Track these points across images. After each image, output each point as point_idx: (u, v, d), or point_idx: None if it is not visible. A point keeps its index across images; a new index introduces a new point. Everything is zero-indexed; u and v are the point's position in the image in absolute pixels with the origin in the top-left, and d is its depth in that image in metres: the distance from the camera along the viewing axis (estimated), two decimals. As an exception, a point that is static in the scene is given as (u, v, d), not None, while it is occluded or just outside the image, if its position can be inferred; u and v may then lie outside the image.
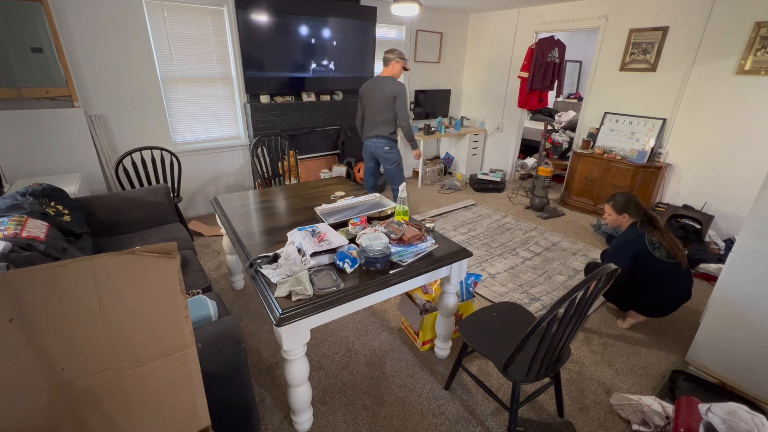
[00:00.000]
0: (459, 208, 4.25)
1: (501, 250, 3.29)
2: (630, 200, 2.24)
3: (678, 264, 2.09)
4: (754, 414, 1.30)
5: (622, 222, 2.28)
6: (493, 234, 3.62)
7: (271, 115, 3.83)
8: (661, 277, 2.11)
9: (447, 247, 1.78)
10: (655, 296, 2.18)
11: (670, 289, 2.15)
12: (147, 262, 0.88)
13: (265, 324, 2.30)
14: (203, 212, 3.93)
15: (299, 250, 1.58)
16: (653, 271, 2.12)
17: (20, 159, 2.70)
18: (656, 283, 2.13)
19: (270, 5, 3.50)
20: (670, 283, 2.13)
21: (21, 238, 1.53)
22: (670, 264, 2.09)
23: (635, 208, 2.22)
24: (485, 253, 3.23)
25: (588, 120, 4.35)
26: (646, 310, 2.26)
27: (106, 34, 2.97)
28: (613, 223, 2.34)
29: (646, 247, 2.12)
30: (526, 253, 3.26)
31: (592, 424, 1.71)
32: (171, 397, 0.98)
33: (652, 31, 3.65)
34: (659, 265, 2.10)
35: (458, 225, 3.82)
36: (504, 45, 4.97)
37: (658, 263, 2.10)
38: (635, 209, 2.22)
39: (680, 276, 2.13)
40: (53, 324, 0.81)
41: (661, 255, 2.09)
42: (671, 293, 2.16)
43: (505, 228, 3.77)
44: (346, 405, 1.78)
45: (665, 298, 2.18)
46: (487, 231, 3.69)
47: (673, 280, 2.12)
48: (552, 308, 1.23)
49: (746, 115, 3.20)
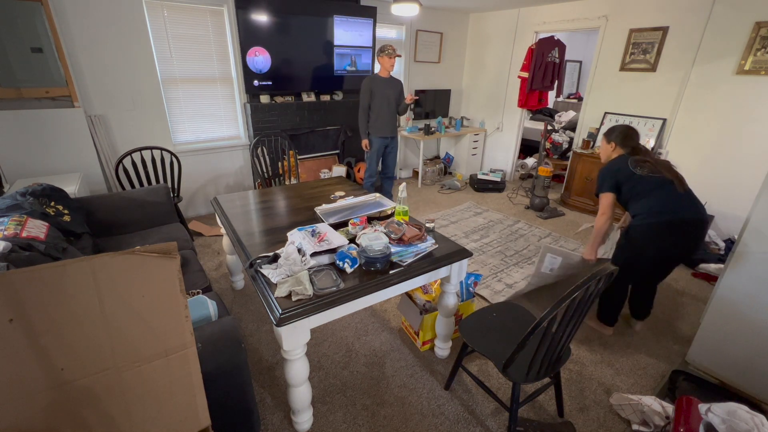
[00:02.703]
0: (470, 215, 4.08)
1: (516, 259, 3.15)
2: (618, 129, 2.16)
3: (666, 180, 1.96)
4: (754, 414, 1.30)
5: (611, 153, 2.19)
6: (507, 241, 3.47)
7: (271, 115, 3.83)
8: (648, 192, 1.98)
9: (447, 247, 1.78)
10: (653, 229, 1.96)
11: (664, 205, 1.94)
12: (147, 262, 0.88)
13: (265, 324, 2.30)
14: (203, 212, 3.93)
15: (299, 250, 1.58)
16: (638, 189, 2.00)
17: (20, 159, 2.70)
18: (644, 200, 1.99)
19: (270, 5, 3.50)
20: (661, 198, 1.96)
21: (21, 238, 1.53)
22: (656, 178, 1.97)
23: (622, 136, 2.13)
24: (500, 262, 3.08)
25: (588, 120, 4.35)
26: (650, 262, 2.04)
27: (106, 34, 2.97)
28: (603, 155, 2.25)
29: (627, 167, 2.03)
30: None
31: (592, 424, 1.71)
32: (171, 397, 0.98)
33: (652, 31, 3.65)
34: (642, 183, 1.98)
35: (470, 231, 3.67)
36: (504, 45, 4.97)
37: (641, 180, 1.99)
38: (622, 138, 2.13)
39: (673, 193, 1.95)
40: (53, 324, 0.81)
41: (642, 172, 1.99)
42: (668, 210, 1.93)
43: (518, 234, 3.63)
44: (346, 405, 1.78)
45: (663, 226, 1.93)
46: (500, 238, 3.54)
47: (665, 196, 1.95)
48: (552, 308, 1.23)
49: (746, 115, 3.20)
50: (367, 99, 3.54)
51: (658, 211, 1.96)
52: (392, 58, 3.43)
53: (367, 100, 3.54)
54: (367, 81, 3.52)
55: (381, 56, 3.43)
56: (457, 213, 4.13)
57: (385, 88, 3.53)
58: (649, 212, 1.98)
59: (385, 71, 3.51)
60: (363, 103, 3.56)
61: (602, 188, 2.12)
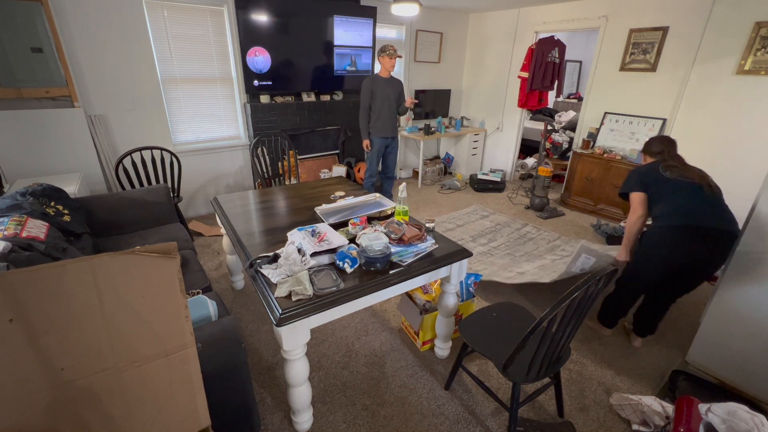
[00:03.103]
0: (477, 218, 4.00)
1: (526, 258, 3.05)
2: (653, 140, 2.16)
3: (695, 184, 1.89)
4: (754, 414, 1.30)
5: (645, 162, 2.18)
6: (515, 245, 3.37)
7: (271, 115, 3.83)
8: (671, 194, 1.92)
9: (447, 247, 1.78)
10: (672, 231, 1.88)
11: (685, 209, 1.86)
12: (147, 262, 0.88)
13: (265, 324, 2.30)
14: (203, 212, 3.93)
15: (299, 250, 1.58)
16: (663, 191, 1.94)
17: (20, 159, 2.70)
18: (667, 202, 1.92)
19: (270, 5, 3.50)
20: (683, 201, 1.88)
21: (21, 238, 1.53)
22: (683, 182, 1.91)
23: (649, 144, 2.14)
24: (509, 261, 2.98)
25: (588, 120, 4.35)
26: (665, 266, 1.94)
27: (106, 34, 2.97)
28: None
29: (656, 170, 2.00)
30: (553, 255, 2.99)
31: (592, 424, 1.71)
32: (171, 397, 0.98)
33: (652, 31, 3.65)
34: (668, 184, 1.93)
35: (477, 235, 3.58)
36: (504, 45, 4.97)
37: (668, 182, 1.94)
38: (648, 145, 2.14)
39: (698, 197, 1.86)
40: (53, 324, 0.81)
41: (671, 175, 1.95)
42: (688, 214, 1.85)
43: (527, 238, 3.53)
44: (346, 405, 1.78)
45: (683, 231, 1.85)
46: (508, 241, 3.44)
47: (688, 199, 1.87)
48: (552, 308, 1.23)
49: (746, 115, 3.20)
50: (367, 99, 3.54)
51: (678, 213, 1.88)
52: (393, 59, 3.43)
53: (368, 101, 3.55)
54: (367, 81, 3.52)
55: (382, 56, 3.43)
56: (463, 216, 4.05)
57: (385, 89, 3.54)
58: (668, 214, 1.91)
59: (385, 71, 3.51)
60: (364, 104, 3.56)
61: (630, 188, 2.08)
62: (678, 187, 1.93)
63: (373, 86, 3.51)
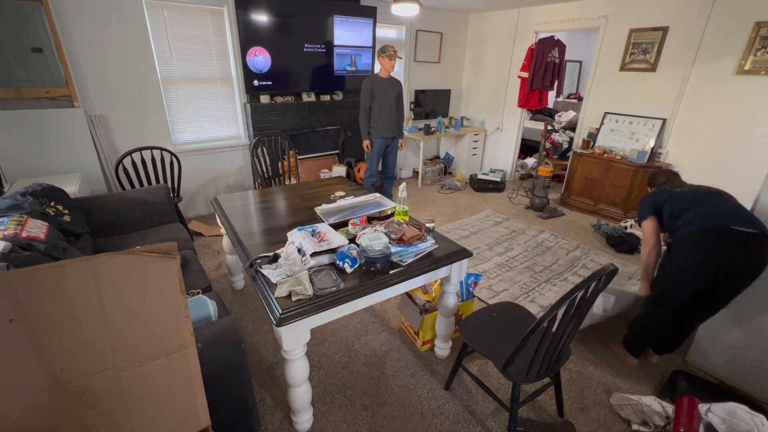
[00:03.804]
0: (490, 224, 3.87)
1: (547, 275, 2.93)
2: (656, 172, 2.23)
3: (711, 191, 1.85)
4: (754, 414, 1.30)
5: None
6: (533, 255, 3.26)
7: (271, 115, 3.83)
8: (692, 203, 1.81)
9: (447, 247, 1.78)
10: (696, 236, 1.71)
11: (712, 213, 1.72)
12: (147, 262, 0.88)
13: (265, 324, 2.30)
14: (203, 212, 3.93)
15: (299, 250, 1.58)
16: (681, 203, 1.84)
17: (20, 159, 2.70)
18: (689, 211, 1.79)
19: (270, 5, 3.50)
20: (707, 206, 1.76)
21: (21, 238, 1.53)
22: (699, 191, 1.85)
23: (660, 176, 2.17)
24: (530, 279, 2.86)
25: (588, 120, 4.35)
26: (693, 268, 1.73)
27: (106, 34, 2.97)
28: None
29: (666, 190, 1.97)
30: (575, 278, 2.89)
31: (592, 424, 1.71)
32: (171, 397, 0.98)
33: (652, 31, 3.65)
34: (684, 196, 1.86)
35: (492, 243, 3.45)
36: (504, 45, 4.97)
37: (683, 195, 1.87)
38: (660, 177, 2.17)
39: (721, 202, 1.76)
40: (53, 324, 0.81)
41: (683, 189, 1.92)
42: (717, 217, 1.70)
43: (544, 246, 3.42)
44: (346, 405, 1.78)
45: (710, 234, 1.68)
46: (525, 251, 3.33)
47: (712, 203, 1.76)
48: (552, 308, 1.23)
49: (746, 115, 3.20)
50: (368, 100, 3.54)
51: (709, 217, 1.71)
52: (392, 60, 3.43)
53: (368, 101, 3.55)
54: (367, 82, 3.52)
55: (381, 56, 3.43)
56: (476, 222, 3.92)
57: (385, 89, 3.54)
58: (698, 219, 1.74)
59: (385, 71, 3.52)
60: (364, 104, 3.56)
61: (644, 214, 2.00)
62: (697, 195, 1.84)
63: (373, 86, 3.51)
